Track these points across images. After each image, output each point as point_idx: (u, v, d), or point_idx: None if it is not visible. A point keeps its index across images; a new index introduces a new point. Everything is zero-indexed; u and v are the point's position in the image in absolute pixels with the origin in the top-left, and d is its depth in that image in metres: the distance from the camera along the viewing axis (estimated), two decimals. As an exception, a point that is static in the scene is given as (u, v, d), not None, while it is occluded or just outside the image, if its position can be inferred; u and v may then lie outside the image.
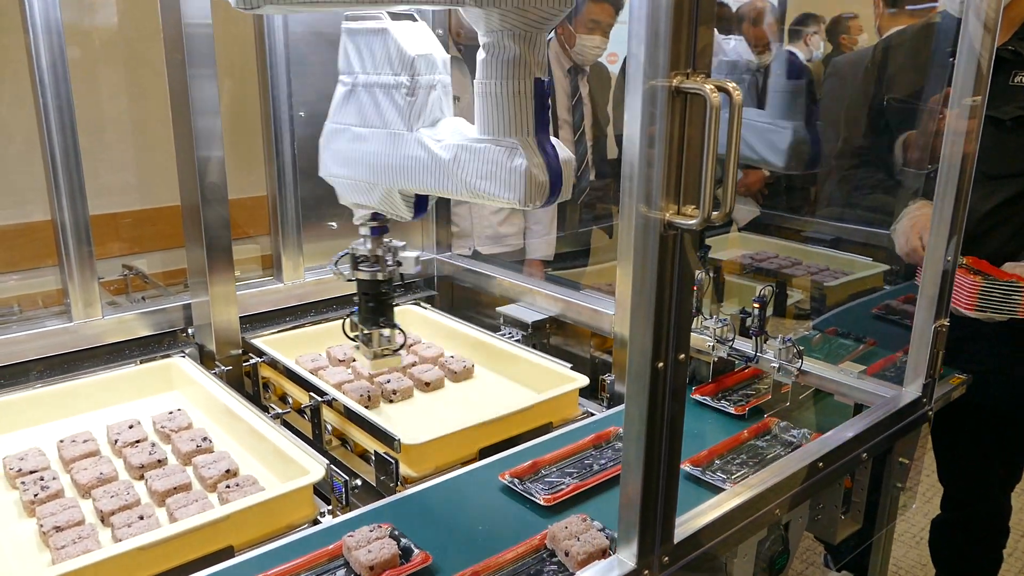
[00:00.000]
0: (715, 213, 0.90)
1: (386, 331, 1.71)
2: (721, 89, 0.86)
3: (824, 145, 2.95)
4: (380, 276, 1.65)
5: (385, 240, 1.65)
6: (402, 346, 1.75)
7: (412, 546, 1.27)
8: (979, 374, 2.01)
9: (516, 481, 1.48)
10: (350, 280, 1.68)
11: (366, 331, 1.71)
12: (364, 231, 1.64)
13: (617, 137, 3.41)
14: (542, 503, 1.42)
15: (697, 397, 1.82)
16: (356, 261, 1.65)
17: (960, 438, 2.30)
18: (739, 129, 0.88)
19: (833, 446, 1.50)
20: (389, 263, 1.65)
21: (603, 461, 1.57)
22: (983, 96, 1.55)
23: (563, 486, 1.47)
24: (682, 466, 1.57)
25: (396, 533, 1.29)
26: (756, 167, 3.39)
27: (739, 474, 1.52)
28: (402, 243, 1.68)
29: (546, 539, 1.30)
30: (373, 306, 1.69)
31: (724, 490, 1.44)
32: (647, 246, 0.94)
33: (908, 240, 2.11)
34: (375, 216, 1.63)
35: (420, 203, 1.57)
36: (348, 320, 1.74)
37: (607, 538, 1.27)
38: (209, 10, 1.81)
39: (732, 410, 1.76)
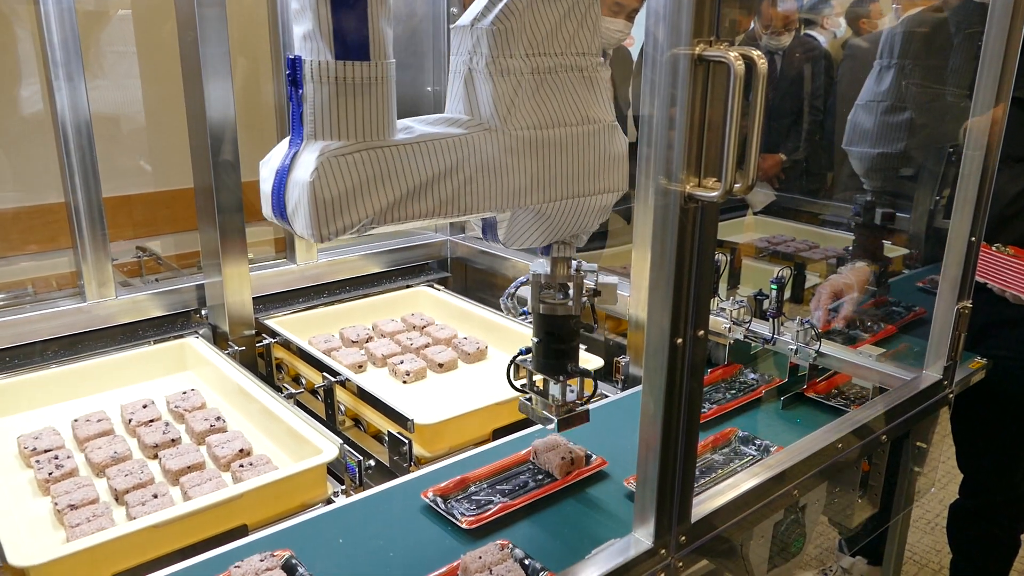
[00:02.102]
0: (737, 186, 0.88)
1: (573, 383, 1.29)
2: (746, 58, 0.84)
3: (839, 128, 2.92)
4: (570, 310, 1.24)
5: (574, 262, 1.27)
6: (591, 398, 1.30)
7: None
8: (1007, 360, 1.98)
9: (439, 500, 1.34)
10: (524, 315, 1.37)
11: (548, 381, 1.28)
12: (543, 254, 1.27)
13: (636, 120, 3.39)
14: (464, 527, 1.27)
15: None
16: (539, 290, 1.24)
17: (983, 424, 2.27)
18: (763, 99, 0.86)
19: (851, 428, 1.48)
20: (582, 295, 1.26)
21: (540, 477, 1.43)
22: (1010, 74, 1.51)
23: (490, 507, 1.32)
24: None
25: (293, 562, 1.16)
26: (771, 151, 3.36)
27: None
28: (594, 265, 1.32)
29: (458, 570, 1.17)
30: (558, 349, 1.26)
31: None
32: (667, 219, 0.92)
33: (819, 303, 2.08)
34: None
35: None
36: (514, 365, 1.32)
37: (526, 571, 1.15)
38: (222, -12, 1.79)
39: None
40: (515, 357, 1.32)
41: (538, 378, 1.29)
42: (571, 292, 1.23)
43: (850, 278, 2.10)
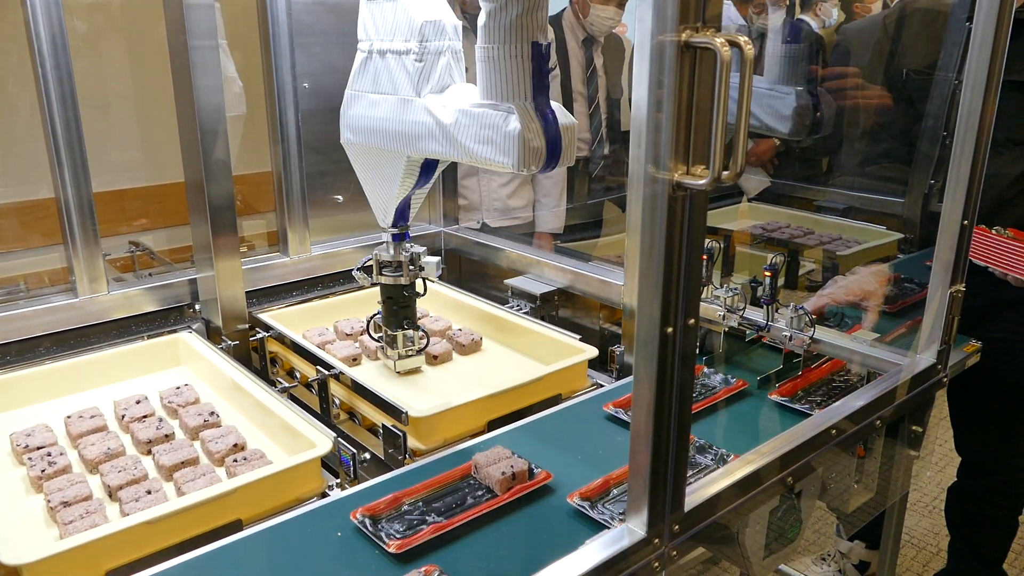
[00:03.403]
0: (725, 173, 0.88)
1: (409, 332, 1.80)
2: (732, 43, 0.83)
3: (829, 112, 2.91)
4: (403, 280, 1.73)
5: (407, 245, 1.73)
6: (424, 347, 1.85)
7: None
8: (1006, 342, 1.98)
9: (368, 521, 1.27)
10: (373, 285, 1.77)
11: (390, 333, 1.79)
12: (386, 237, 1.73)
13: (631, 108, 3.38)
14: (392, 551, 1.20)
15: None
16: (380, 266, 1.74)
17: (983, 407, 2.27)
18: (750, 86, 0.85)
19: (846, 413, 1.48)
20: (412, 268, 1.74)
21: (479, 493, 1.36)
22: (1001, 57, 1.50)
23: (422, 527, 1.25)
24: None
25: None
26: (766, 136, 3.34)
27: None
28: (422, 248, 1.76)
29: None
30: (396, 309, 1.77)
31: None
32: (655, 208, 0.92)
33: (818, 298, 2.07)
34: (395, 223, 1.71)
35: (426, 171, 1.56)
36: (372, 322, 1.84)
37: None
38: (210, -20, 1.78)
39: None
40: (372, 316, 1.83)
41: (384, 331, 1.80)
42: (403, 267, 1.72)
43: (871, 283, 2.07)
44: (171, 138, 1.99)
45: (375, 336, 1.84)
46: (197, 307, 2.06)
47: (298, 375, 1.91)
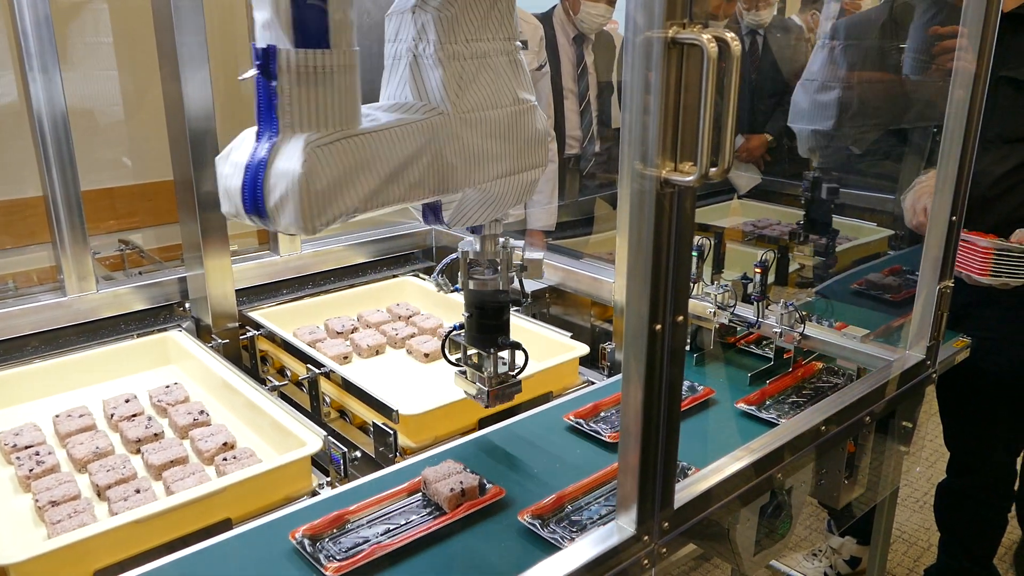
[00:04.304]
0: (713, 170, 0.88)
1: (504, 354, 1.35)
2: (719, 40, 0.83)
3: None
4: (499, 285, 1.31)
5: (501, 239, 1.32)
6: (522, 369, 1.37)
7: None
8: (988, 340, 1.99)
9: (307, 542, 1.20)
10: (455, 291, 1.38)
11: (480, 354, 1.34)
12: (467, 235, 1.33)
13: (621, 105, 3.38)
14: (329, 574, 1.15)
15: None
16: (467, 268, 1.32)
17: (968, 403, 2.28)
18: (737, 82, 0.85)
19: (836, 409, 1.48)
20: (509, 270, 1.32)
21: (428, 510, 1.29)
22: (988, 53, 1.51)
23: (364, 548, 1.19)
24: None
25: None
26: (757, 132, 3.35)
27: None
28: (520, 242, 1.37)
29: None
30: (488, 323, 1.32)
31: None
32: (643, 205, 0.92)
33: (914, 214, 2.06)
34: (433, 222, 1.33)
35: None
36: (448, 340, 1.39)
37: None
38: (196, -25, 1.77)
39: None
40: (449, 332, 1.39)
41: (472, 352, 1.35)
42: (500, 268, 1.31)
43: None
44: (159, 136, 1.98)
45: (452, 359, 1.38)
46: (187, 306, 2.05)
47: (288, 373, 1.91)
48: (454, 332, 1.38)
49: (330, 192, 0.97)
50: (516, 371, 1.36)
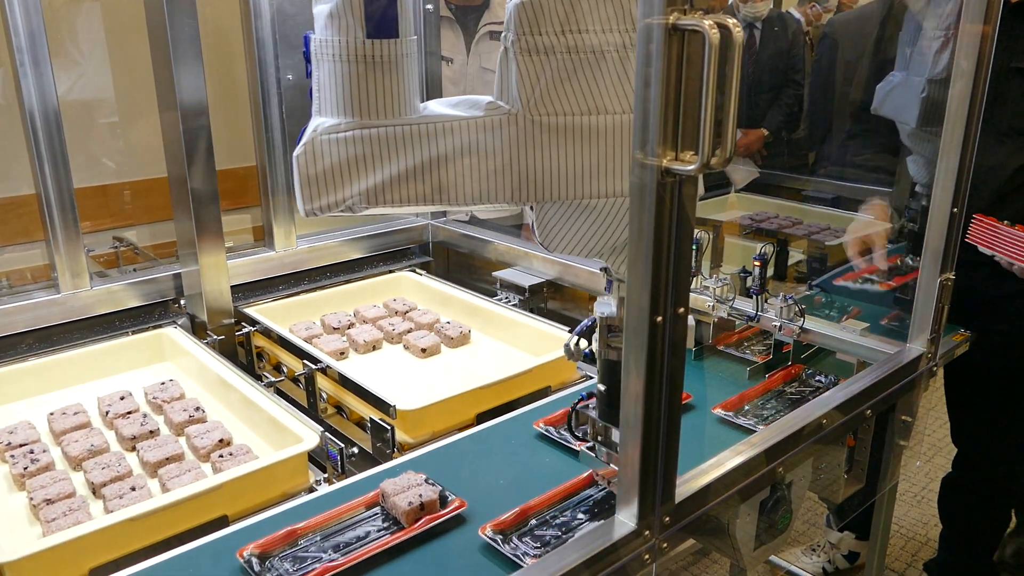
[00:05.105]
0: (714, 159, 0.86)
1: None
2: (721, 26, 0.81)
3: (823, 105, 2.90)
4: None
5: None
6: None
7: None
8: (1004, 334, 1.97)
9: (255, 560, 1.15)
10: (587, 362, 1.26)
11: (607, 427, 1.22)
12: (611, 288, 1.17)
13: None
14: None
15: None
16: (606, 333, 1.18)
17: (979, 398, 2.26)
18: (739, 69, 0.84)
19: (836, 403, 1.47)
20: None
21: (386, 525, 1.24)
22: (989, 44, 1.50)
23: (315, 566, 1.14)
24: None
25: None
26: (754, 127, 3.34)
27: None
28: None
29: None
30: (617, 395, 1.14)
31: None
32: (644, 194, 0.90)
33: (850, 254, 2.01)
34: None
35: None
36: (576, 412, 1.27)
37: None
38: (189, -30, 1.75)
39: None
40: (576, 403, 1.26)
41: (601, 425, 1.22)
42: None
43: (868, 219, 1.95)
44: (153, 133, 1.97)
45: (578, 434, 1.29)
46: (182, 302, 2.04)
47: (285, 369, 1.89)
48: (581, 403, 1.26)
49: (328, 179, 0.97)
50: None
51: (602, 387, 1.19)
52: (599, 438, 1.23)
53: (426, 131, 1.00)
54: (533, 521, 1.24)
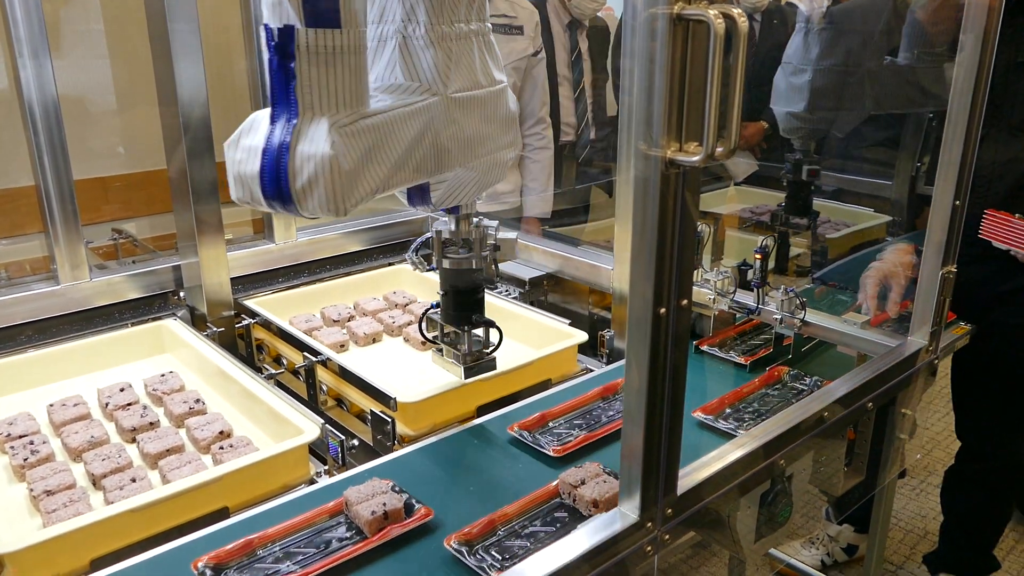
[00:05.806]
0: (719, 150, 0.86)
1: (479, 332, 1.43)
2: (726, 16, 0.81)
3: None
4: (473, 264, 1.37)
5: (475, 219, 1.37)
6: (498, 345, 1.46)
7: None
8: (1014, 327, 1.96)
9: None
10: (430, 270, 1.43)
11: (455, 331, 1.43)
12: (442, 215, 1.38)
13: (616, 92, 3.35)
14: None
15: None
16: (442, 247, 1.37)
17: (986, 391, 2.26)
18: (744, 60, 0.84)
19: (837, 396, 1.47)
20: (484, 249, 1.38)
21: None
22: (992, 36, 1.49)
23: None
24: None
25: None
26: (754, 120, 3.32)
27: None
28: (494, 222, 1.41)
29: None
30: (462, 301, 1.39)
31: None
32: (648, 186, 0.90)
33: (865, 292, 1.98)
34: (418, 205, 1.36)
35: None
36: (425, 319, 1.48)
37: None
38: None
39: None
40: (426, 311, 1.46)
41: (448, 329, 1.43)
42: (473, 247, 1.37)
43: (896, 262, 1.96)
44: (153, 124, 1.96)
45: (429, 336, 1.48)
46: (181, 294, 2.03)
47: (285, 362, 1.89)
48: (431, 311, 1.44)
49: (356, 173, 0.98)
50: (491, 348, 1.46)
51: (441, 292, 1.42)
52: (446, 340, 1.44)
53: (404, 115, 1.07)
54: (501, 531, 1.21)
